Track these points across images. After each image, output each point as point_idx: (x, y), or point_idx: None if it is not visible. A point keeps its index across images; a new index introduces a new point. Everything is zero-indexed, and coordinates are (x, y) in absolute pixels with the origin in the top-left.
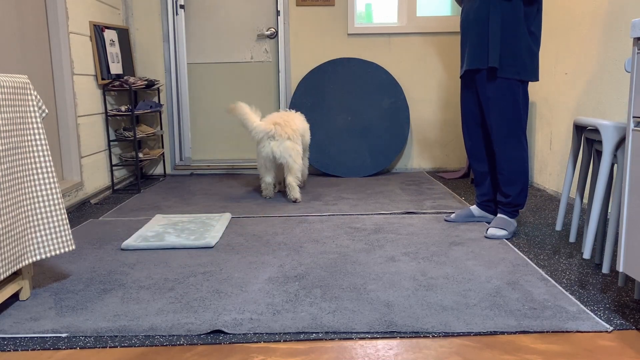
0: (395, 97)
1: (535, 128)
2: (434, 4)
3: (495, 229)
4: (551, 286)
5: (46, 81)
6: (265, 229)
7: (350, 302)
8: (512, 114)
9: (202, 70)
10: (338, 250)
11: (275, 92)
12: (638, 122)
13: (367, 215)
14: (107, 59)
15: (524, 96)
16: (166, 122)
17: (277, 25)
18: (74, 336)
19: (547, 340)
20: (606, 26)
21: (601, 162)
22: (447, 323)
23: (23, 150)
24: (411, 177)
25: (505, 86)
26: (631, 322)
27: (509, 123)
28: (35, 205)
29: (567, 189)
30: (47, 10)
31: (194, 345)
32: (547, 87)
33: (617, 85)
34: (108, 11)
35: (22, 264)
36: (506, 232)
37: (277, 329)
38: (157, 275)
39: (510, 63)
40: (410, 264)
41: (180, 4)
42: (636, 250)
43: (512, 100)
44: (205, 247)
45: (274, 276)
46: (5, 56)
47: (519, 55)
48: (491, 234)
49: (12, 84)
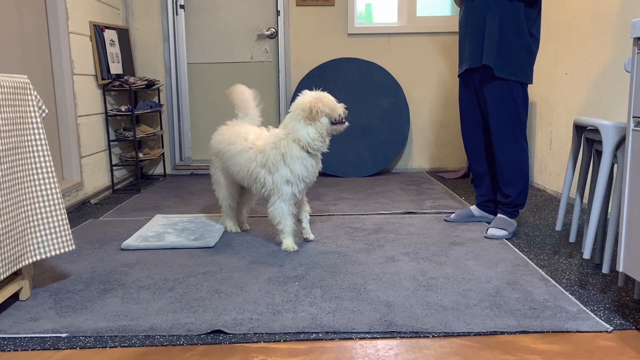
0: (395, 97)
1: (535, 128)
2: (434, 4)
3: (495, 229)
4: (551, 286)
5: (46, 81)
6: (265, 229)
7: (350, 302)
8: (512, 115)
9: (202, 70)
10: (338, 250)
11: (275, 92)
12: (638, 122)
13: (367, 215)
14: (107, 59)
15: (524, 97)
16: (166, 122)
17: (277, 25)
18: (74, 336)
19: (547, 340)
20: (606, 26)
21: (601, 162)
22: (447, 323)
23: (23, 150)
24: (411, 177)
25: (504, 87)
26: (631, 322)
27: (508, 124)
28: (35, 205)
29: (567, 189)
30: (47, 10)
31: (194, 345)
32: (547, 87)
33: (617, 85)
34: (108, 11)
35: (22, 264)
36: (506, 232)
37: (277, 329)
38: (157, 275)
39: (508, 63)
40: (410, 264)
41: (180, 4)
42: (636, 250)
43: (511, 102)
44: (205, 247)
45: (274, 276)
46: (5, 56)
47: (517, 56)
48: (491, 234)
49: (12, 84)
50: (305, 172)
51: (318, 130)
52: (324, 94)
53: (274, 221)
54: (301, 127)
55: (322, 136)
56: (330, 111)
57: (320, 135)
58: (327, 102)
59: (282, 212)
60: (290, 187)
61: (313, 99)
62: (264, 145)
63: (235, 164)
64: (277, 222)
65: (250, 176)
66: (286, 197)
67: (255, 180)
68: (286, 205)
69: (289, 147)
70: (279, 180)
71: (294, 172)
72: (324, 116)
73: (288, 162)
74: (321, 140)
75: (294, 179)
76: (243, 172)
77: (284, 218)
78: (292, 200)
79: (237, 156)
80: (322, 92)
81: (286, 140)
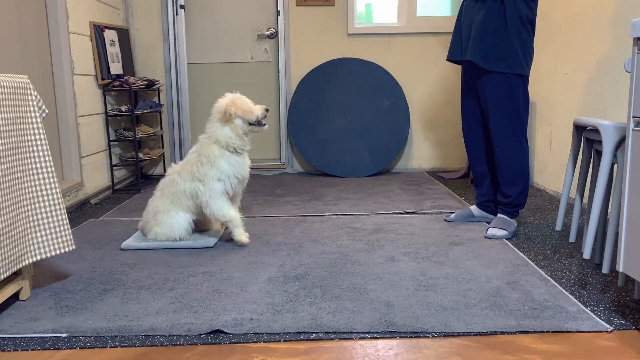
0: (395, 97)
1: (535, 128)
2: (434, 4)
3: (495, 229)
4: (551, 286)
5: (46, 81)
6: (265, 229)
7: (350, 302)
8: (512, 111)
9: (202, 70)
10: (338, 250)
11: (275, 92)
12: (638, 122)
13: (367, 215)
14: (107, 59)
15: (524, 93)
16: (166, 122)
17: (277, 25)
18: (74, 336)
19: (547, 340)
20: (606, 26)
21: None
22: (447, 323)
23: (23, 150)
24: (411, 177)
25: (502, 81)
26: (631, 322)
27: (508, 121)
28: (35, 205)
29: (567, 189)
30: (47, 10)
31: (194, 345)
32: (547, 87)
33: (617, 85)
34: (108, 11)
35: (22, 264)
36: (506, 232)
37: (277, 329)
38: (157, 275)
39: (502, 56)
40: (410, 264)
41: (180, 4)
42: (636, 250)
43: (509, 96)
44: (205, 247)
45: (274, 276)
46: (5, 56)
47: (511, 49)
48: (491, 234)
49: (12, 84)
50: (233, 169)
51: (233, 130)
52: (240, 97)
53: (217, 218)
54: (218, 129)
55: (239, 135)
56: (243, 113)
57: (237, 134)
58: (241, 105)
59: (220, 206)
60: (222, 184)
61: (228, 102)
62: (186, 159)
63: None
64: (221, 216)
65: (192, 198)
66: (218, 195)
67: (194, 197)
68: (220, 200)
69: (210, 149)
70: (210, 182)
71: (221, 169)
72: (238, 118)
73: (213, 162)
74: (239, 140)
75: (223, 176)
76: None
77: (223, 209)
78: (224, 196)
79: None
80: (238, 95)
81: (207, 143)
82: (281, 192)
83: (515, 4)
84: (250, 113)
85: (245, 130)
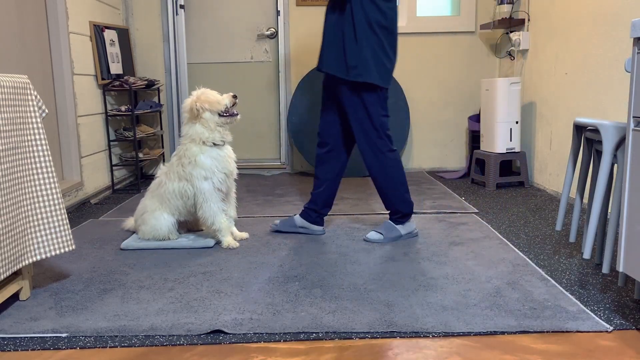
0: (395, 97)
1: (535, 128)
2: (434, 4)
3: (374, 232)
4: (551, 286)
5: (46, 81)
6: (265, 229)
7: (350, 302)
8: (364, 122)
9: (202, 70)
10: (338, 250)
11: (276, 92)
12: (638, 122)
13: (367, 215)
14: (107, 59)
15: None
16: (166, 122)
17: (277, 25)
18: (74, 336)
19: (547, 340)
20: (606, 26)
21: (601, 162)
22: (447, 323)
23: (23, 150)
24: (411, 177)
25: (354, 90)
26: (631, 322)
27: (363, 132)
28: (35, 205)
29: (567, 189)
30: (47, 10)
31: (194, 345)
32: (547, 87)
33: (617, 85)
34: (108, 11)
35: (22, 264)
36: (382, 236)
37: (277, 329)
38: (157, 275)
39: (352, 65)
40: (410, 264)
41: (180, 4)
42: (636, 250)
43: (362, 106)
44: (205, 247)
45: (274, 276)
46: (5, 56)
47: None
48: (368, 236)
49: (12, 84)
50: (216, 163)
51: (204, 125)
52: (205, 92)
53: (206, 223)
54: (190, 128)
55: (212, 129)
56: (210, 105)
57: (209, 128)
58: (206, 98)
59: (211, 211)
60: (210, 182)
61: (194, 98)
62: (170, 162)
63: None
64: (210, 223)
65: (181, 197)
66: (210, 196)
67: (184, 196)
68: (214, 204)
69: (188, 149)
70: (197, 182)
71: (204, 166)
72: (206, 111)
73: (194, 161)
74: (213, 133)
75: (208, 173)
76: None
77: (215, 217)
78: (218, 197)
79: (162, 191)
80: (203, 90)
81: (184, 144)
82: (281, 192)
83: (362, 8)
84: (217, 104)
85: (218, 122)
